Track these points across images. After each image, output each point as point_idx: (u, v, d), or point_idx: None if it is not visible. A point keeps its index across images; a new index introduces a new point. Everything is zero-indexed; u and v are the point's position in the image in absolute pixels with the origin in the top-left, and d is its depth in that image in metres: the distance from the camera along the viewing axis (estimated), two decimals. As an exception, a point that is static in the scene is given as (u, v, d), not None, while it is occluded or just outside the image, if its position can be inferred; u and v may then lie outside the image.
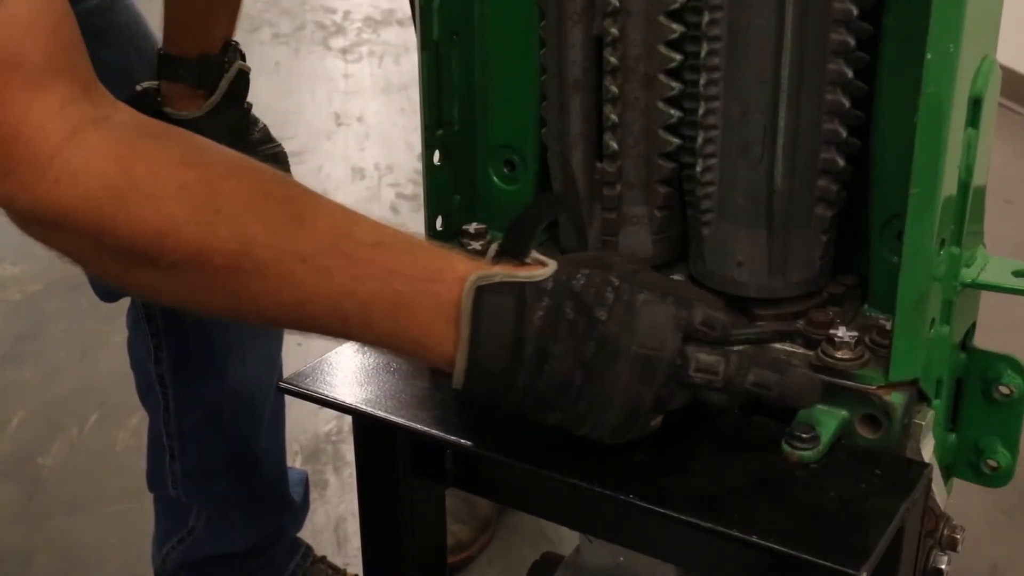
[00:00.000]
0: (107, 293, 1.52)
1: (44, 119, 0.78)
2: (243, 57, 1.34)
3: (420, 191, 1.07)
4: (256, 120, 1.37)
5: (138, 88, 1.32)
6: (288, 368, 0.97)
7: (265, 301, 0.81)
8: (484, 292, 0.79)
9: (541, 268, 0.81)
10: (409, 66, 4.66)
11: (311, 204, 0.83)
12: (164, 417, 1.59)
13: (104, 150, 0.79)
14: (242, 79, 1.33)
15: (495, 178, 1.10)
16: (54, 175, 0.78)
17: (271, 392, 1.61)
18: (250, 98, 1.38)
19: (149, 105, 1.29)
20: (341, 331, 0.83)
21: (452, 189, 1.08)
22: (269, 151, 1.36)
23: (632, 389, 0.79)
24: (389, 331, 0.81)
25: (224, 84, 1.30)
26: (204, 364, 1.55)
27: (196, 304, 0.84)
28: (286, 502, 1.71)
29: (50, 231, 0.81)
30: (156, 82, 1.32)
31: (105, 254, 0.81)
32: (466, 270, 0.80)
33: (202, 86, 1.31)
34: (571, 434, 0.82)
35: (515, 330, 0.79)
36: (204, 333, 1.52)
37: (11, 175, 0.78)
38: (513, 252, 0.84)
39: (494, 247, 0.85)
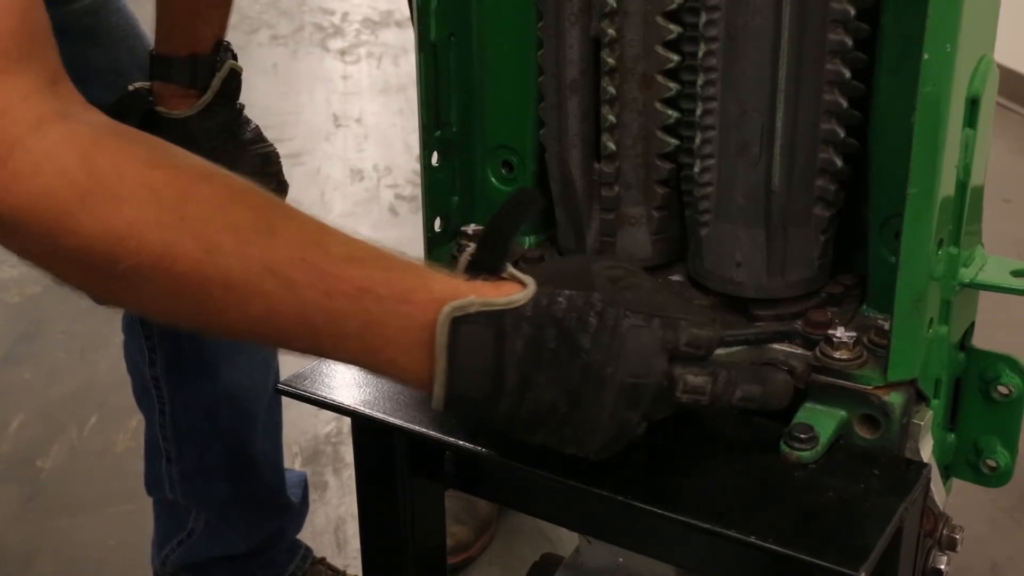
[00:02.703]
0: (101, 295, 1.51)
1: (7, 106, 0.73)
2: (235, 57, 1.34)
3: (419, 192, 1.07)
4: (248, 120, 1.37)
5: (130, 88, 1.31)
6: (286, 370, 0.97)
7: (232, 313, 0.76)
8: (460, 323, 0.76)
9: (519, 289, 0.78)
10: (407, 67, 4.66)
11: (283, 214, 0.78)
12: (160, 420, 1.59)
13: (68, 145, 0.74)
14: (234, 79, 1.33)
15: (493, 179, 1.09)
16: (14, 166, 0.72)
17: (265, 394, 1.61)
18: (249, 100, 1.38)
19: (141, 105, 1.29)
20: (312, 347, 0.79)
21: (451, 190, 1.08)
22: (260, 150, 1.36)
23: (618, 415, 0.78)
24: (360, 350, 0.77)
25: (216, 83, 1.30)
26: (197, 365, 1.55)
27: (162, 314, 0.80)
28: (285, 504, 1.71)
29: (5, 229, 0.74)
30: (148, 82, 1.32)
31: (61, 256, 0.75)
32: (442, 291, 0.77)
33: (194, 85, 1.30)
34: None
35: (494, 361, 0.76)
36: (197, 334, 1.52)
37: None
38: (488, 267, 0.80)
39: (465, 256, 0.82)
